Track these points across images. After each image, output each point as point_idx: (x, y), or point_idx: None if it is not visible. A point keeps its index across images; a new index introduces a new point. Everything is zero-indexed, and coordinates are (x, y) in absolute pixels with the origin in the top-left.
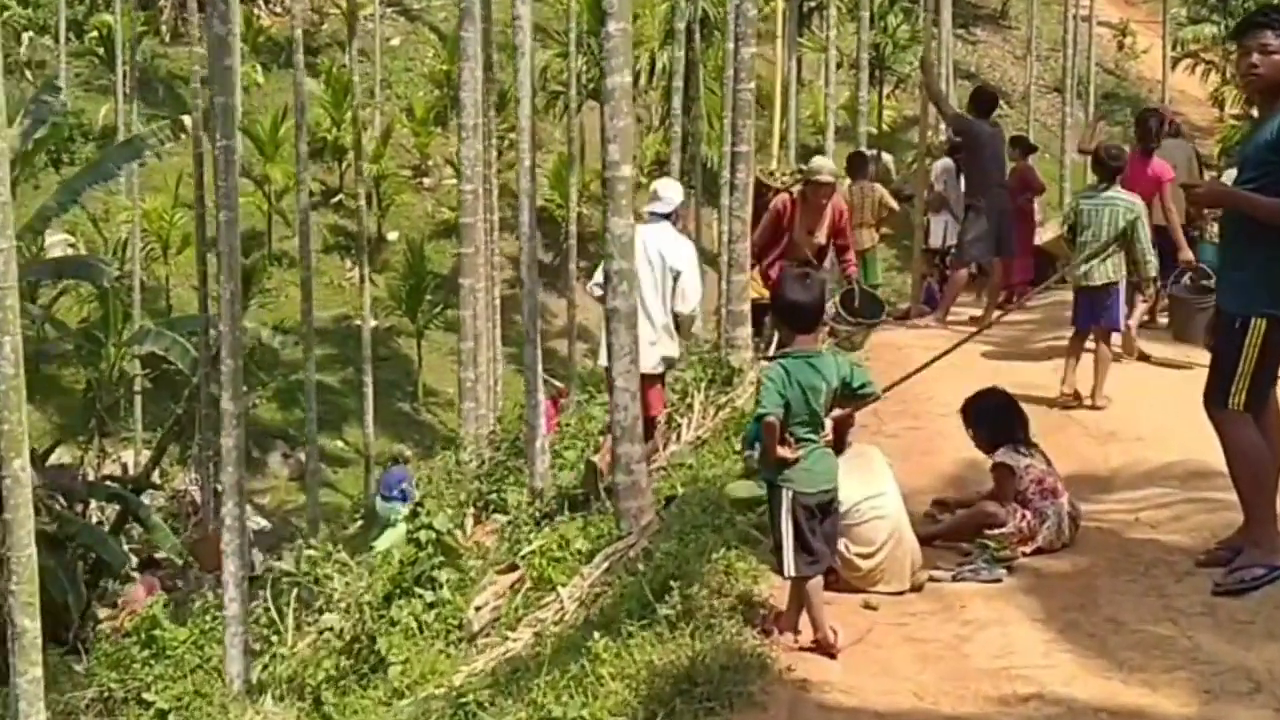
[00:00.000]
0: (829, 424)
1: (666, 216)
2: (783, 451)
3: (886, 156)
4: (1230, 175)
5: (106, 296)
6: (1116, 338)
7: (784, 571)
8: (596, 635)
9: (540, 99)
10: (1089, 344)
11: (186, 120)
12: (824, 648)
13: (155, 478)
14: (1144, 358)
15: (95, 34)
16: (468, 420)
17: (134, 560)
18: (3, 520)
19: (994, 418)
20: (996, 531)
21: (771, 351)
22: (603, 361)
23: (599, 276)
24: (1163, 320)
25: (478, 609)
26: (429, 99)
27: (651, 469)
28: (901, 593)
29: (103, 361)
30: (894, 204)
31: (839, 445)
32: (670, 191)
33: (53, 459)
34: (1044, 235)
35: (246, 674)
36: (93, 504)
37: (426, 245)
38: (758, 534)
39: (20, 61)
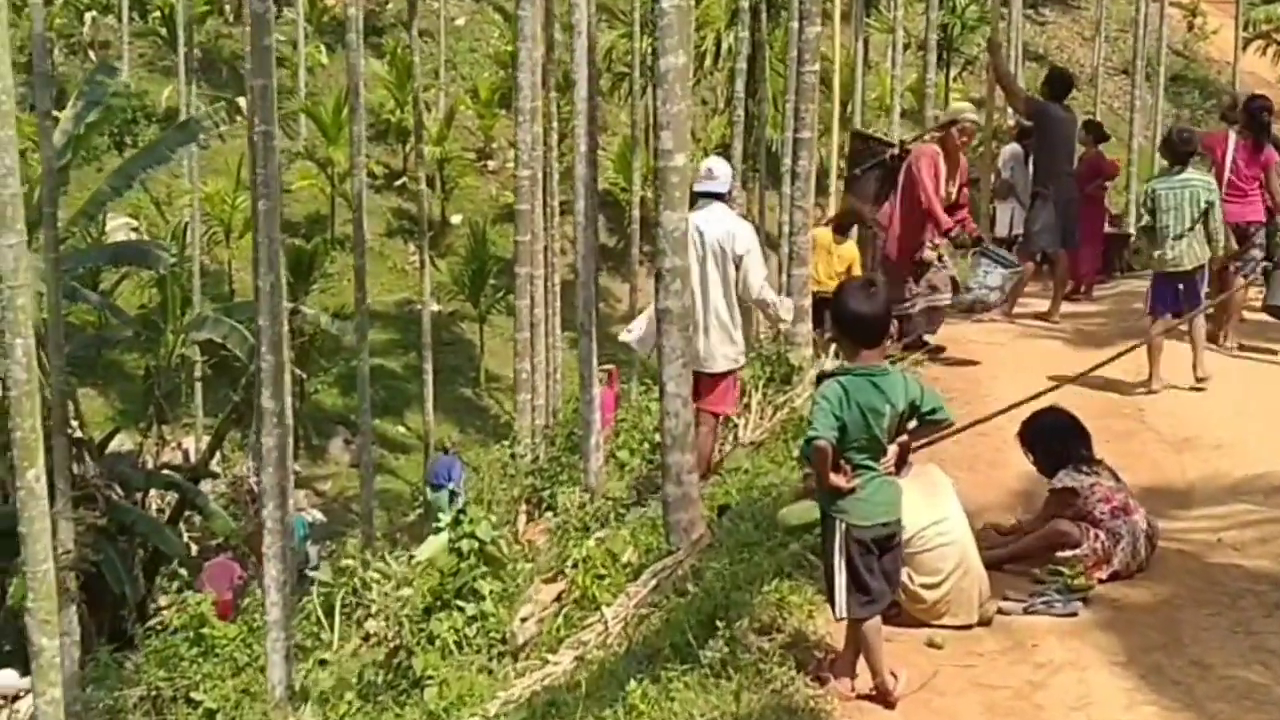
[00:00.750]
0: (893, 450)
1: (720, 197)
2: (837, 480)
3: None
4: None
5: (165, 282)
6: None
7: (836, 612)
8: (633, 684)
9: (605, 81)
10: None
11: (242, 102)
12: (882, 695)
13: (216, 465)
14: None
15: (158, 13)
16: (523, 412)
17: (194, 549)
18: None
19: (1053, 440)
20: (1070, 554)
21: (829, 365)
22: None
23: (634, 325)
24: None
25: (523, 620)
26: (493, 80)
27: (712, 471)
28: (969, 626)
29: (162, 348)
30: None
31: (899, 468)
32: (724, 168)
33: (114, 445)
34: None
35: (289, 680)
36: (153, 492)
37: (490, 229)
38: (814, 558)
39: (83, 41)
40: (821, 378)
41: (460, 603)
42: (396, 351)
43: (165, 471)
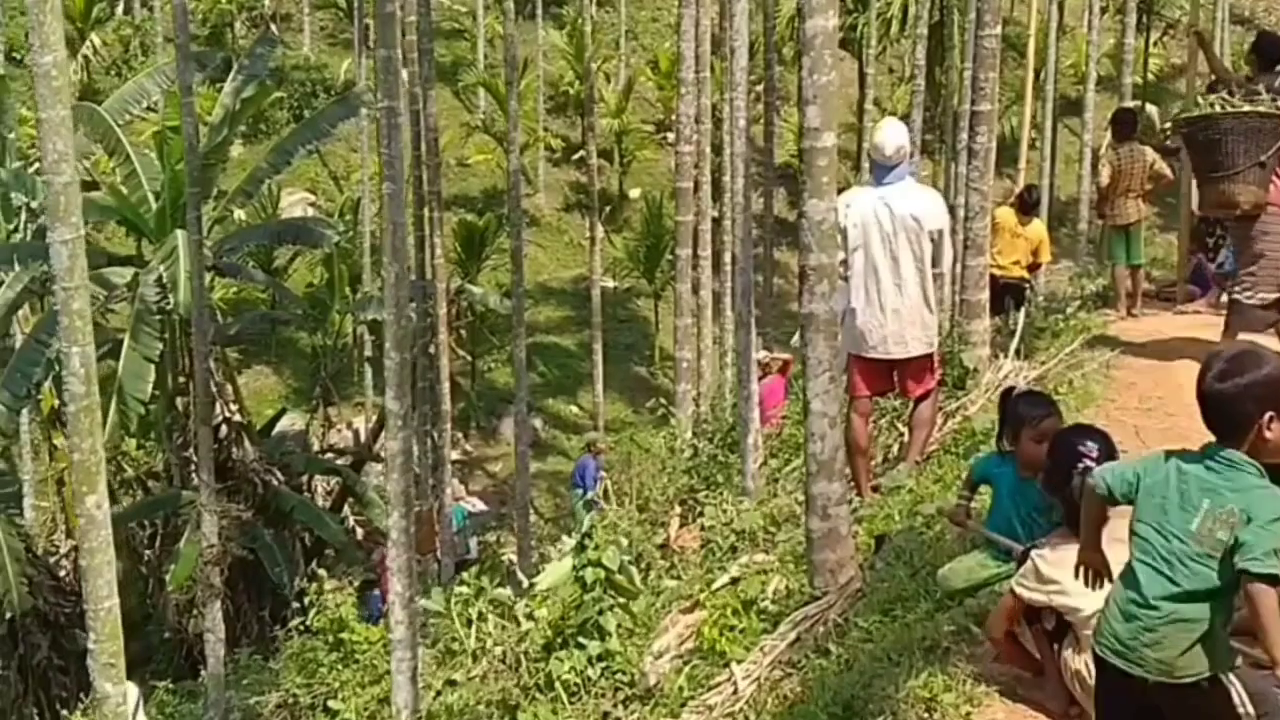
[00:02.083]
0: None
1: (898, 167)
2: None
3: (1151, 109)
4: None
5: (332, 260)
6: None
7: None
8: None
9: (788, 50)
10: None
11: (405, 75)
12: None
13: (380, 448)
14: None
15: None
16: (683, 404)
17: (360, 534)
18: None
19: None
20: None
21: (1007, 367)
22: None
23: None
24: None
25: (655, 657)
26: (674, 51)
27: (924, 455)
28: None
29: (329, 327)
30: (1167, 171)
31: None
32: (903, 137)
33: (284, 423)
34: None
35: (415, 703)
36: (319, 476)
37: (667, 203)
38: (977, 630)
39: (265, 14)
40: (1007, 394)
41: (583, 639)
42: (571, 329)
43: (328, 456)
